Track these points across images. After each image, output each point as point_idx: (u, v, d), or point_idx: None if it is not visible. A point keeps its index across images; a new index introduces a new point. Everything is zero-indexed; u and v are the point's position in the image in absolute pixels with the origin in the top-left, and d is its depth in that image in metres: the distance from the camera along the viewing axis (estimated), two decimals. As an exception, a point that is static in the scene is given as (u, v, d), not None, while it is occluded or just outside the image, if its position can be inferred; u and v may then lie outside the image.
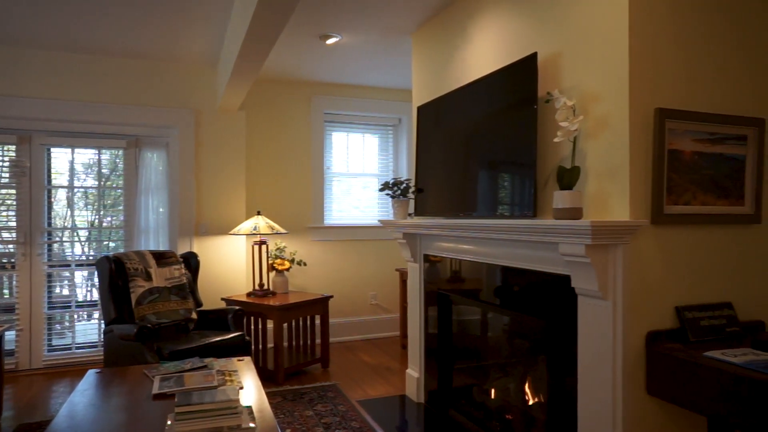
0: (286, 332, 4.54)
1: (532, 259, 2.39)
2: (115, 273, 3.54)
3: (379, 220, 3.64)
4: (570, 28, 2.26)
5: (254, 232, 4.19)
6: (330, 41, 3.84)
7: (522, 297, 2.48)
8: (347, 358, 4.60)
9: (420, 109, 3.39)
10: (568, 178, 2.07)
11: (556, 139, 2.10)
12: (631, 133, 1.97)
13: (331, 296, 4.34)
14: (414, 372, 3.59)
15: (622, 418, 1.96)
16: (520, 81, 2.41)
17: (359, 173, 5.42)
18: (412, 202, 3.49)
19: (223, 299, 4.24)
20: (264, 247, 4.40)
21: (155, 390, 2.25)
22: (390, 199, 3.53)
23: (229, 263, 4.64)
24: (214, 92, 4.61)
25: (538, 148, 2.40)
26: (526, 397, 2.65)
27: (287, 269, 4.44)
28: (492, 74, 2.62)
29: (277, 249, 4.65)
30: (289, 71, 4.70)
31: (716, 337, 2.05)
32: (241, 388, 2.29)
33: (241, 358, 2.77)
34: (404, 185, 3.48)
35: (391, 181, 3.49)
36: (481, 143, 2.71)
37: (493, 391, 2.94)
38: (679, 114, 2.02)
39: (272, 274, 4.50)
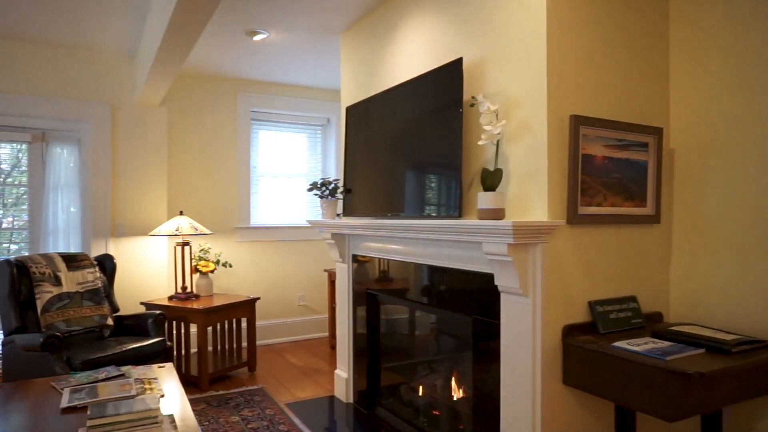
0: (210, 336, 4.39)
1: (457, 258, 2.46)
2: (17, 278, 3.26)
3: (307, 221, 3.60)
4: (494, 36, 2.36)
5: (176, 232, 4.01)
6: (257, 38, 3.76)
7: (448, 295, 2.55)
8: (275, 361, 4.52)
9: (348, 109, 3.39)
10: (492, 179, 2.16)
11: (480, 142, 2.18)
12: (549, 138, 2.09)
13: (258, 298, 4.25)
14: (343, 372, 3.59)
15: (540, 408, 2.07)
16: (446, 85, 2.48)
17: (287, 173, 5.34)
18: (340, 203, 3.49)
19: (142, 304, 4.03)
20: (187, 248, 4.23)
21: (64, 403, 2.09)
22: (318, 199, 3.50)
23: (150, 266, 4.41)
24: (133, 85, 4.36)
25: (463, 151, 2.48)
26: (453, 393, 2.73)
27: (212, 271, 4.29)
28: (419, 77, 2.68)
29: (201, 250, 4.49)
30: (214, 66, 4.55)
31: (623, 328, 2.21)
32: (162, 396, 2.19)
33: (162, 364, 2.65)
34: (333, 185, 3.47)
35: (320, 181, 3.47)
36: (409, 145, 2.75)
37: (420, 388, 3.00)
38: (592, 121, 2.17)
39: (196, 276, 4.33)
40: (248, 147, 5.03)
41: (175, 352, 3.94)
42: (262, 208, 5.20)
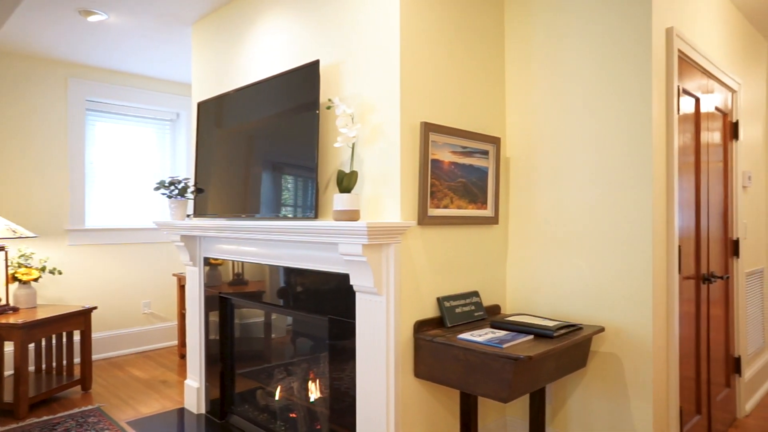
0: (33, 354, 3.83)
1: (314, 259, 2.46)
2: None
3: (153, 222, 3.33)
4: (351, 41, 2.40)
5: (-12, 236, 3.44)
6: (93, 18, 3.38)
7: (305, 297, 2.54)
8: (115, 376, 4.10)
9: (200, 105, 3.21)
10: (347, 181, 2.20)
11: (336, 144, 2.21)
12: (401, 142, 2.19)
13: (95, 307, 3.82)
14: (194, 382, 3.38)
15: (394, 401, 2.16)
16: (302, 86, 2.47)
17: (131, 170, 4.88)
18: (191, 203, 3.29)
19: (-61, 321, 3.38)
20: (2, 254, 3.65)
21: None
22: (167, 199, 3.26)
23: (-50, 275, 3.72)
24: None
25: (319, 152, 2.49)
26: (310, 394, 2.72)
27: (35, 279, 3.76)
28: (276, 77, 2.63)
29: (22, 256, 3.91)
30: (39, 45, 3.99)
31: (467, 321, 2.40)
32: (-34, 429, 1.86)
33: (-34, 392, 2.25)
34: (182, 184, 3.25)
35: (168, 180, 3.24)
36: (265, 145, 2.69)
37: (277, 391, 2.94)
38: (440, 128, 2.32)
39: (14, 286, 3.76)
40: (83, 140, 4.50)
41: (-14, 376, 3.38)
42: (101, 208, 4.69)
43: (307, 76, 2.45)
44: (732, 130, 3.21)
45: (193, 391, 3.36)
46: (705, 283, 2.82)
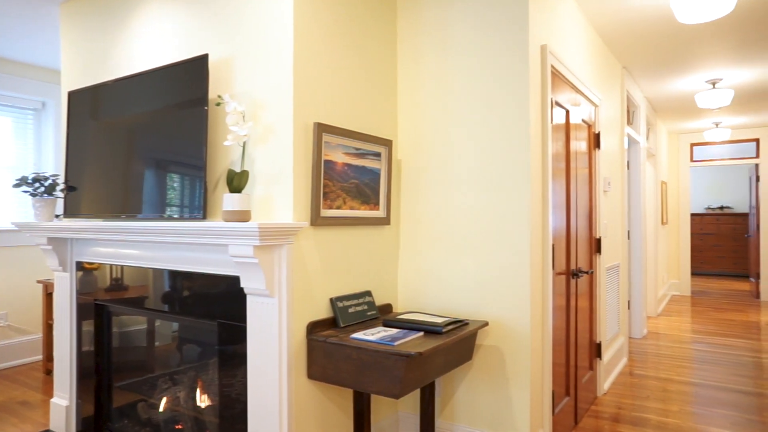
0: None
1: (202, 261, 2.35)
2: None
3: (12, 223, 2.97)
4: (243, 38, 2.33)
5: None
6: (-64, -11, 2.94)
7: (192, 301, 2.42)
8: (-37, 399, 3.60)
9: (72, 94, 2.93)
10: (238, 181, 2.13)
11: (226, 143, 2.13)
12: (294, 142, 2.16)
13: (-63, 322, 3.32)
14: (62, 400, 3.07)
15: (287, 404, 2.13)
16: (190, 80, 2.35)
17: (-16, 164, 4.31)
18: (60, 202, 2.99)
19: None
20: None
21: None
22: (30, 197, 2.93)
23: None
24: None
25: (208, 150, 2.39)
26: (198, 402, 2.59)
27: None
28: (161, 69, 2.48)
29: None
30: None
31: (360, 320, 2.43)
32: None
33: None
34: (50, 181, 2.94)
35: (32, 176, 2.91)
36: (148, 141, 2.52)
37: (162, 403, 2.77)
38: (333, 129, 2.33)
39: None
40: None
41: None
42: (-55, 206, 4.08)
43: (195, 70, 2.33)
44: (595, 140, 3.59)
45: (62, 409, 3.05)
46: (574, 278, 3.12)
